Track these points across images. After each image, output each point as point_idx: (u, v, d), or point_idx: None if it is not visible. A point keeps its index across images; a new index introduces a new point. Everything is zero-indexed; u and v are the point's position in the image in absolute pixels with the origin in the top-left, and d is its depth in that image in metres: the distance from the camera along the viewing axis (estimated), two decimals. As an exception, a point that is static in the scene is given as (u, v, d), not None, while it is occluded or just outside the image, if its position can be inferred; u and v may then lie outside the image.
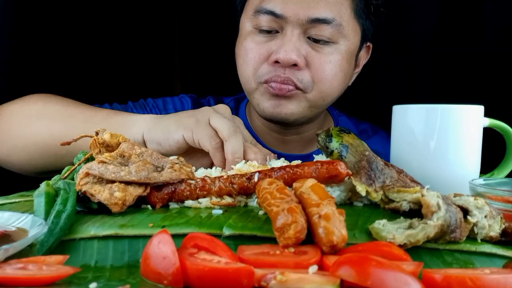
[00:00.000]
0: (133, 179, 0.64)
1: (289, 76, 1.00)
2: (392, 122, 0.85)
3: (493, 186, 0.68)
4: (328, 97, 1.06)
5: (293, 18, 0.99)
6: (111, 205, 0.62)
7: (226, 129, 0.84)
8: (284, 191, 0.58)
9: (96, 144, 0.73)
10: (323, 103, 1.07)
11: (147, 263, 0.47)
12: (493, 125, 0.83)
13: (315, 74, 1.01)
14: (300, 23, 0.99)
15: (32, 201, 0.64)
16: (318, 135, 0.77)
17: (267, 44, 1.02)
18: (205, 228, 0.57)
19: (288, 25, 1.00)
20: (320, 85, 1.02)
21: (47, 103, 1.01)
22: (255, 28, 1.04)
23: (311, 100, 1.04)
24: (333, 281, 0.43)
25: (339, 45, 1.03)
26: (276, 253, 0.50)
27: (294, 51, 0.98)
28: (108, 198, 0.62)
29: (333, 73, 1.03)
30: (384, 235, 0.53)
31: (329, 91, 1.05)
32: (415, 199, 0.60)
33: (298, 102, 1.03)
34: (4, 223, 0.56)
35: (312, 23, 0.99)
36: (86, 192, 0.63)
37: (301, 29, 1.00)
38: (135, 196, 0.64)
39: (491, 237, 0.55)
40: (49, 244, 0.54)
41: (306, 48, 1.01)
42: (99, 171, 0.64)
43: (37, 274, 0.45)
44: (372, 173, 0.69)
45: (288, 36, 1.00)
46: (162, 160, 0.70)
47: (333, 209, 0.53)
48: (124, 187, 0.63)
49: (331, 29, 1.00)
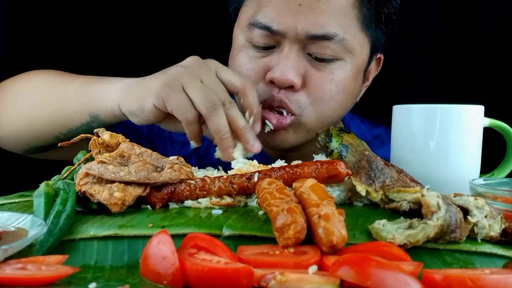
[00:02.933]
0: (132, 179, 0.64)
1: (283, 98, 0.89)
2: (392, 122, 0.85)
3: (493, 186, 0.68)
4: (327, 119, 0.94)
5: (291, 34, 0.88)
6: (110, 205, 0.62)
7: (203, 102, 0.75)
8: (284, 191, 0.58)
9: (95, 144, 0.73)
10: (321, 125, 0.92)
11: (146, 263, 0.47)
12: (493, 125, 0.83)
13: (312, 95, 0.91)
14: (298, 38, 0.88)
15: (31, 201, 0.64)
16: (318, 135, 0.77)
17: (262, 60, 0.92)
18: (205, 228, 0.57)
19: (286, 41, 0.89)
20: (317, 107, 0.92)
21: (32, 78, 1.01)
22: (248, 42, 0.93)
23: (307, 124, 0.93)
24: (333, 281, 0.43)
25: (344, 62, 0.91)
26: (276, 253, 0.50)
27: (291, 71, 0.87)
28: (108, 198, 0.62)
29: (333, 93, 0.92)
30: (384, 235, 0.53)
31: (327, 114, 0.93)
32: (415, 199, 0.60)
33: (295, 131, 0.93)
34: (4, 223, 0.56)
35: (311, 39, 0.88)
36: (85, 192, 0.63)
37: (300, 44, 0.89)
38: (134, 196, 0.64)
39: (491, 237, 0.55)
40: (49, 245, 0.54)
41: (306, 66, 0.90)
42: (99, 171, 0.64)
43: (36, 274, 0.45)
44: (372, 173, 0.69)
45: (285, 53, 0.89)
46: (162, 160, 0.70)
47: (332, 209, 0.53)
48: (123, 187, 0.63)
49: (334, 45, 0.89)
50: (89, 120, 0.91)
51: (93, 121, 0.91)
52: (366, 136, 1.17)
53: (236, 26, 0.99)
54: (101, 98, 0.87)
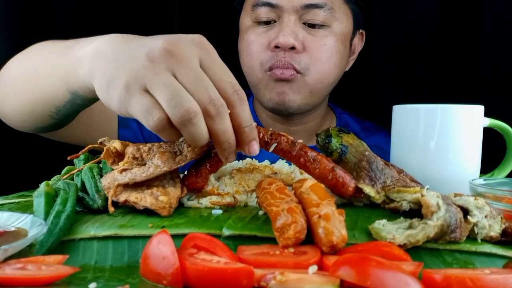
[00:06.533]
0: (165, 170, 0.63)
1: (289, 59, 1.07)
2: (392, 122, 0.85)
3: (493, 186, 0.67)
4: (326, 79, 1.12)
5: (288, 6, 1.08)
6: (159, 210, 0.61)
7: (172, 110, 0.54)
8: (284, 191, 0.58)
9: (109, 154, 0.71)
10: (322, 86, 1.12)
11: (146, 263, 0.47)
12: (493, 125, 0.83)
13: (312, 57, 1.09)
14: (295, 9, 1.08)
15: (31, 201, 0.64)
16: (318, 135, 0.76)
17: (267, 34, 1.10)
18: (205, 228, 0.57)
19: (284, 13, 1.08)
20: (317, 66, 1.09)
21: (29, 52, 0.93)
22: (254, 22, 1.13)
23: (310, 84, 1.10)
24: (333, 281, 0.43)
25: (332, 28, 1.11)
26: (276, 253, 0.50)
27: (291, 35, 1.06)
28: (155, 203, 0.61)
29: (328, 54, 1.10)
30: (384, 235, 0.53)
31: (326, 72, 1.11)
32: (415, 199, 0.60)
33: (299, 88, 1.09)
34: (4, 223, 0.56)
35: (306, 8, 1.08)
36: (127, 201, 0.62)
37: (297, 15, 1.08)
38: (177, 198, 0.64)
39: (491, 237, 0.55)
40: (49, 245, 0.54)
41: (303, 33, 1.09)
42: (129, 178, 0.63)
43: (36, 274, 0.45)
44: (372, 174, 0.69)
45: (285, 22, 1.08)
46: (174, 144, 0.68)
47: (333, 209, 0.53)
48: (164, 191, 0.63)
49: (324, 13, 1.09)
50: (70, 97, 0.77)
51: (75, 98, 0.76)
52: (357, 127, 1.30)
53: (242, 14, 1.18)
54: (73, 70, 0.70)
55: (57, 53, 0.79)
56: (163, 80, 0.55)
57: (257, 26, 1.12)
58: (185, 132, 0.56)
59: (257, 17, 1.11)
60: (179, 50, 0.56)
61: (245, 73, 1.17)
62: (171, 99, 0.54)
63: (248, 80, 1.17)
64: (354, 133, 0.77)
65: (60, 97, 0.79)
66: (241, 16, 1.19)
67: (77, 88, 0.73)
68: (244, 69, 1.17)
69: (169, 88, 0.54)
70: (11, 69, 0.94)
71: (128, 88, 0.56)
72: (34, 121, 0.92)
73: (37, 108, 0.87)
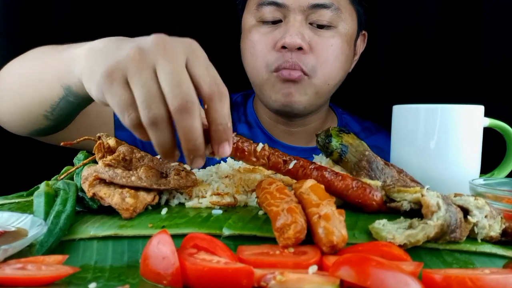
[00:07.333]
0: (144, 185, 0.64)
1: (296, 60, 1.05)
2: (392, 122, 0.85)
3: (493, 186, 0.67)
4: (331, 80, 1.10)
5: (294, 6, 1.05)
6: (121, 210, 0.61)
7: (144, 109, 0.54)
8: (284, 191, 0.58)
9: (101, 148, 0.72)
10: (327, 87, 1.11)
11: (146, 263, 0.47)
12: (493, 125, 0.83)
13: (319, 58, 1.07)
14: (301, 9, 1.05)
15: (31, 201, 0.64)
16: (318, 136, 0.76)
17: (272, 34, 1.07)
18: (205, 228, 0.57)
19: (291, 13, 1.05)
20: (324, 68, 1.07)
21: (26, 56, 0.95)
22: (258, 21, 1.10)
23: (317, 85, 1.08)
24: (333, 281, 0.43)
25: (338, 28, 1.09)
26: (276, 253, 0.50)
27: (298, 35, 1.04)
28: (120, 203, 0.61)
29: (335, 55, 1.08)
30: (384, 235, 0.53)
31: (332, 74, 1.09)
32: (415, 199, 0.60)
33: (305, 90, 1.08)
34: (4, 223, 0.56)
35: (312, 8, 1.05)
36: (95, 194, 0.62)
37: (303, 15, 1.05)
38: (145, 204, 0.63)
39: (491, 237, 0.55)
40: (49, 245, 0.54)
41: (309, 34, 1.06)
42: (109, 176, 0.63)
43: (36, 274, 0.45)
44: (372, 173, 0.69)
45: (292, 22, 1.05)
46: (164, 166, 0.70)
47: (332, 209, 0.53)
48: (135, 194, 0.63)
49: (331, 13, 1.07)
50: (63, 93, 0.79)
51: (68, 94, 0.78)
52: (357, 127, 1.29)
53: (244, 13, 1.15)
54: (69, 67, 0.73)
55: (53, 54, 0.82)
56: (142, 79, 0.55)
57: (261, 25, 1.10)
58: (151, 134, 0.56)
59: (262, 16, 1.09)
60: (167, 45, 0.57)
61: (248, 74, 1.14)
62: (143, 101, 0.54)
63: (251, 81, 1.15)
64: (355, 133, 0.77)
65: (54, 94, 0.81)
66: (244, 15, 1.15)
67: (71, 83, 0.75)
68: (247, 70, 1.14)
69: (144, 88, 0.54)
70: (7, 74, 0.96)
71: (109, 74, 0.56)
72: (30, 124, 0.93)
73: (33, 108, 0.88)
